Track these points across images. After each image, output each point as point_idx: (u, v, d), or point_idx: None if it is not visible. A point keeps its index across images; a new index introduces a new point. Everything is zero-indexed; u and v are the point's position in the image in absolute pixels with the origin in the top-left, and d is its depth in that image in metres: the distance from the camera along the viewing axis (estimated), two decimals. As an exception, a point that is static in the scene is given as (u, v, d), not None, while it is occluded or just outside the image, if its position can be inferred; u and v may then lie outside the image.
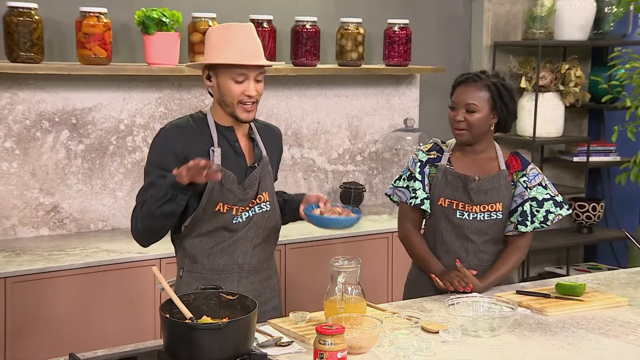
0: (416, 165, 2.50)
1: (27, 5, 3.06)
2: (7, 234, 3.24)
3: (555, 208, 2.48)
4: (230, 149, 2.22)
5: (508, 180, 2.46)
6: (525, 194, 2.45)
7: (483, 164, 2.48)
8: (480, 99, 2.41)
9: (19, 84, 3.20)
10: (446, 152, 2.49)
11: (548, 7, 4.27)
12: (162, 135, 2.19)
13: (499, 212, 2.45)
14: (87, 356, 1.89)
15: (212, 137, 2.19)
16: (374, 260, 3.52)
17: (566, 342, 2.06)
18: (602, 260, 4.83)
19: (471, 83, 2.43)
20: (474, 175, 2.44)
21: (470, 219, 2.44)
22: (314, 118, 3.92)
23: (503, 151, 2.52)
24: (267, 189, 2.27)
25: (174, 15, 3.29)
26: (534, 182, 2.47)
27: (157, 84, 3.49)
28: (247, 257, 2.24)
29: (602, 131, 4.75)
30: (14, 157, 3.23)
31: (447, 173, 2.46)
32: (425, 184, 2.48)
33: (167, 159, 2.14)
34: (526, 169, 2.49)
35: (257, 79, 2.17)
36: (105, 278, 2.95)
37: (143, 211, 2.12)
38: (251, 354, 1.84)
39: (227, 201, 2.18)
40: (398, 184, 2.55)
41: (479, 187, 2.43)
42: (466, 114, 2.41)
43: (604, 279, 2.70)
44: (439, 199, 2.46)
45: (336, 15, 3.87)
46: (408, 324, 2.10)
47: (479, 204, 2.44)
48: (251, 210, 2.23)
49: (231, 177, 2.18)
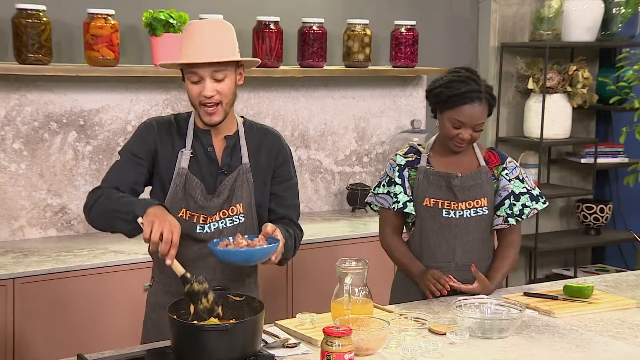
0: (394, 169, 2.48)
1: (35, 7, 3.08)
2: (16, 235, 3.25)
3: (531, 202, 2.47)
4: (203, 153, 2.11)
5: (489, 175, 2.46)
6: (509, 186, 2.46)
7: (462, 161, 2.47)
8: (485, 116, 2.41)
9: (27, 86, 3.22)
10: (424, 154, 2.48)
11: (555, 8, 4.26)
12: (142, 127, 2.15)
13: (484, 208, 2.45)
14: (94, 357, 1.89)
15: (186, 139, 2.12)
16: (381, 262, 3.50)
17: (574, 344, 2.05)
18: (610, 262, 4.81)
19: (477, 103, 2.36)
20: (456, 172, 2.44)
21: (457, 217, 2.43)
22: (320, 119, 3.92)
23: (480, 148, 2.52)
24: (243, 200, 2.12)
25: (181, 16, 3.30)
26: (511, 175, 2.48)
27: (165, 85, 3.50)
28: (216, 272, 2.10)
29: (610, 132, 4.74)
30: (22, 159, 3.24)
31: (429, 173, 2.45)
32: (406, 187, 2.46)
33: (141, 148, 2.10)
34: (505, 161, 2.49)
35: (215, 77, 2.02)
36: (113, 279, 2.96)
37: (98, 206, 2.01)
38: (258, 355, 1.84)
39: (188, 207, 2.09)
40: (378, 191, 2.52)
41: (462, 183, 2.43)
42: (472, 133, 2.39)
43: (612, 280, 2.69)
44: (424, 199, 2.45)
45: (343, 16, 3.87)
46: (415, 326, 2.10)
47: (464, 201, 2.43)
48: (221, 221, 2.11)
49: (194, 182, 2.09)
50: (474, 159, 2.49)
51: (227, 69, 2.04)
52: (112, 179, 2.09)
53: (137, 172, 2.10)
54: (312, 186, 3.93)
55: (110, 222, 1.99)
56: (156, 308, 2.17)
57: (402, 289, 2.52)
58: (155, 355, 1.90)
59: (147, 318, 2.24)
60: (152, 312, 2.21)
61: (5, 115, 3.19)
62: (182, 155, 2.10)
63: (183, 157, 2.10)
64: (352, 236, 3.49)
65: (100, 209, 2.01)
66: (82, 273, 2.90)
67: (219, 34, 2.04)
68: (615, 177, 4.74)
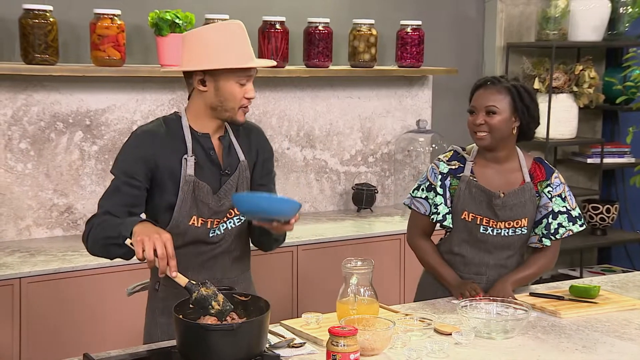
0: (437, 177, 2.41)
1: (42, 7, 3.09)
2: (22, 235, 3.26)
3: (568, 223, 2.41)
4: (205, 157, 2.07)
5: (533, 193, 2.39)
6: (550, 205, 2.40)
7: (507, 174, 2.40)
8: (500, 101, 2.34)
9: (34, 86, 3.23)
10: (469, 162, 2.41)
11: (562, 7, 4.25)
12: (133, 140, 2.06)
13: (524, 228, 2.40)
14: (101, 356, 1.90)
15: (186, 144, 2.05)
16: (387, 262, 3.51)
17: (580, 345, 2.04)
18: (616, 262, 4.79)
19: (490, 86, 2.36)
20: (499, 191, 2.37)
21: (494, 235, 2.39)
22: (326, 119, 3.92)
23: (526, 158, 2.44)
24: None
25: (187, 16, 3.30)
26: (554, 192, 2.41)
27: (170, 85, 3.50)
28: (226, 272, 2.14)
29: (617, 132, 4.72)
30: (29, 158, 3.25)
31: (471, 186, 2.38)
32: (447, 197, 2.40)
33: (136, 167, 2.01)
34: (550, 177, 2.42)
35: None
36: (119, 279, 2.96)
37: (92, 236, 1.97)
38: (264, 355, 1.84)
39: (201, 215, 2.06)
40: (416, 194, 2.46)
41: (504, 203, 2.37)
42: (486, 117, 2.33)
43: (619, 281, 2.68)
44: (462, 212, 2.39)
45: (349, 16, 3.87)
46: (421, 326, 2.10)
47: (505, 220, 2.38)
48: (229, 222, 2.11)
49: (205, 188, 2.05)
50: (518, 171, 2.41)
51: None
52: (107, 204, 2.02)
53: (133, 195, 2.02)
54: (317, 186, 3.93)
55: (106, 250, 1.96)
56: (166, 312, 2.12)
57: (430, 290, 2.49)
58: (161, 354, 1.91)
59: (154, 323, 2.18)
60: (161, 316, 2.16)
61: (12, 115, 3.20)
62: (186, 162, 2.04)
63: (188, 164, 2.04)
64: (357, 236, 3.49)
65: (94, 239, 1.98)
66: (88, 273, 2.91)
67: (247, 39, 2.07)
68: (621, 177, 4.73)
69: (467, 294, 2.32)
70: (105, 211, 2.01)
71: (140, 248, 1.81)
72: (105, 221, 1.97)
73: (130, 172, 2.02)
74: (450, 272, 2.42)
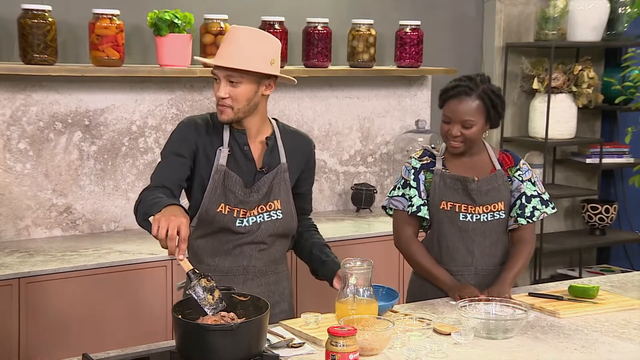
0: (410, 172, 2.48)
1: (41, 7, 3.08)
2: (21, 235, 3.26)
3: (541, 206, 2.47)
4: (240, 151, 2.21)
5: (505, 178, 2.46)
6: (522, 187, 2.46)
7: (478, 164, 2.47)
8: (475, 113, 2.37)
9: (32, 86, 3.22)
10: (439, 157, 2.48)
11: (561, 8, 4.25)
12: (181, 126, 2.22)
13: (501, 212, 2.45)
14: (100, 356, 1.89)
15: (223, 138, 2.20)
16: (386, 262, 3.51)
17: (580, 345, 2.04)
18: (615, 262, 4.79)
19: (464, 97, 2.37)
20: (472, 176, 2.43)
21: (474, 221, 2.43)
22: (325, 119, 3.92)
23: (494, 149, 2.52)
24: (281, 197, 2.23)
25: (186, 16, 3.30)
26: (525, 176, 2.48)
27: (169, 85, 3.50)
28: (252, 260, 2.23)
29: (616, 133, 4.72)
30: (28, 158, 3.25)
31: (445, 176, 2.44)
32: (421, 190, 2.46)
33: (183, 145, 2.17)
34: (519, 163, 2.50)
35: (230, 80, 2.11)
36: (118, 279, 2.96)
37: (138, 209, 2.08)
38: (263, 355, 1.84)
39: (228, 202, 2.18)
40: (393, 194, 2.51)
41: (479, 187, 2.42)
42: (462, 129, 2.38)
43: (618, 281, 2.68)
44: (441, 202, 2.43)
45: (348, 16, 3.87)
46: (420, 326, 2.10)
47: (482, 205, 2.43)
48: (259, 216, 2.21)
49: (234, 178, 2.17)
50: (488, 161, 2.48)
51: (242, 76, 2.11)
52: (159, 177, 2.15)
53: (181, 170, 2.16)
54: (316, 186, 3.92)
55: (144, 224, 2.05)
56: None
57: (419, 291, 2.50)
58: (160, 354, 1.90)
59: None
60: None
61: (10, 115, 3.20)
62: (220, 152, 2.17)
63: (221, 154, 2.17)
64: (356, 236, 3.49)
65: (138, 212, 2.08)
66: (87, 273, 2.90)
67: (247, 43, 2.11)
68: (620, 177, 4.73)
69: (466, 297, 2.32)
70: (157, 184, 2.13)
71: (155, 226, 1.89)
72: (150, 195, 2.07)
73: (177, 150, 2.17)
74: (444, 273, 2.43)
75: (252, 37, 2.14)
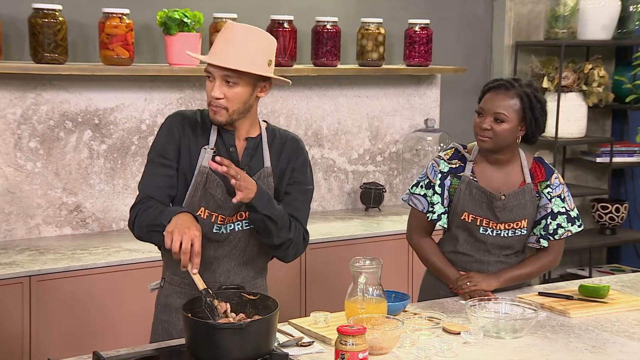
0: (437, 176, 2.40)
1: (51, 6, 3.10)
2: (32, 233, 3.28)
3: (567, 223, 2.41)
4: (226, 152, 2.09)
5: (533, 194, 2.39)
6: (549, 205, 2.40)
7: (507, 175, 2.40)
8: (510, 108, 2.31)
9: (43, 85, 3.24)
10: (469, 162, 2.40)
11: (571, 6, 4.23)
12: (167, 121, 2.12)
13: (524, 229, 2.40)
14: (110, 355, 1.90)
15: (210, 137, 2.10)
16: (395, 261, 3.51)
17: (590, 345, 2.04)
18: (625, 262, 4.77)
19: (502, 90, 2.33)
20: (500, 193, 2.36)
21: (494, 235, 2.39)
22: (334, 118, 3.92)
23: (527, 157, 2.44)
24: None
25: (195, 15, 3.31)
26: (554, 192, 2.40)
27: (179, 84, 3.51)
28: (230, 276, 2.11)
29: (626, 131, 4.70)
30: (38, 157, 3.26)
31: (472, 186, 2.37)
32: (444, 197, 2.40)
33: (168, 146, 2.08)
34: (550, 178, 2.41)
35: (227, 80, 2.01)
36: (128, 277, 2.97)
37: (138, 223, 2.03)
38: (272, 354, 1.84)
39: (207, 206, 2.07)
40: (415, 191, 2.46)
41: (505, 205, 2.36)
42: (493, 123, 2.31)
43: (629, 281, 2.67)
44: (462, 213, 2.38)
45: (357, 15, 3.86)
46: (429, 325, 2.09)
47: (505, 222, 2.38)
48: (237, 223, 2.09)
49: (216, 181, 2.06)
50: (519, 172, 2.40)
51: (239, 77, 2.01)
52: (145, 189, 2.09)
53: (167, 177, 2.08)
54: (325, 185, 3.93)
55: (149, 236, 2.02)
56: (166, 309, 2.16)
57: (432, 290, 2.49)
58: (170, 353, 1.91)
59: (157, 320, 2.21)
60: (161, 313, 2.18)
61: (21, 114, 3.22)
62: (204, 152, 2.07)
63: (206, 154, 2.07)
64: (365, 235, 3.48)
65: (139, 225, 2.04)
66: (97, 271, 2.91)
67: (245, 42, 2.01)
68: (631, 176, 4.70)
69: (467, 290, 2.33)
70: (146, 196, 2.07)
71: (169, 239, 1.87)
72: (149, 207, 2.03)
73: (163, 152, 2.09)
74: (453, 271, 2.42)
75: (251, 36, 2.03)
